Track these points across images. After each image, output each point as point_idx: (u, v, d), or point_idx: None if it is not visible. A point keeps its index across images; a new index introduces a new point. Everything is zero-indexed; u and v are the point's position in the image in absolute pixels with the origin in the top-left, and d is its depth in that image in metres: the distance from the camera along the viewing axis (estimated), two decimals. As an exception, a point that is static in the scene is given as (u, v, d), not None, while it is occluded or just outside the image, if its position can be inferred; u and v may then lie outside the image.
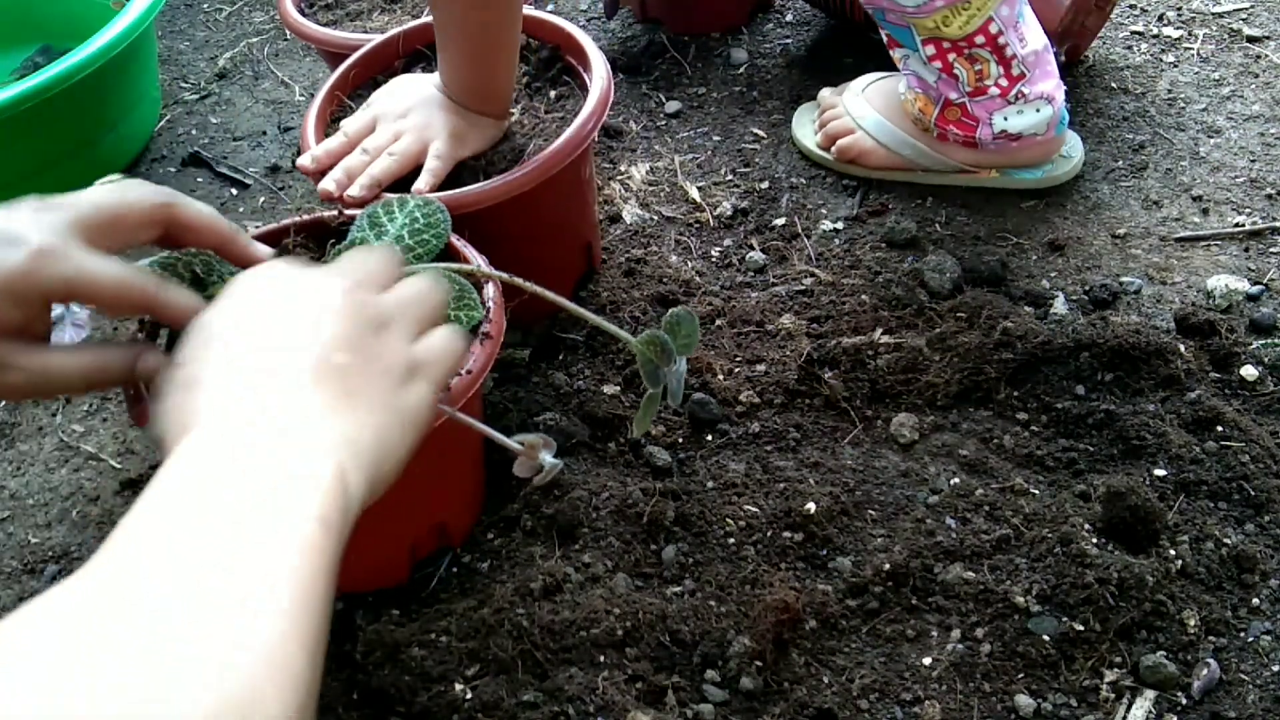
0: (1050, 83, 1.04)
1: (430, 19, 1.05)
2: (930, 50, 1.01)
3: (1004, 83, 1.02)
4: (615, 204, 1.14)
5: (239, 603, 0.34)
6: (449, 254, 0.77)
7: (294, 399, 0.43)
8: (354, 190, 0.86)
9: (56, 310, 0.66)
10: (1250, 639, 0.74)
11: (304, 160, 0.90)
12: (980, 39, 0.99)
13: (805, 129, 1.19)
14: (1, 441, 1.01)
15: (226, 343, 0.46)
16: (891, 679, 0.73)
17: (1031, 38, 1.02)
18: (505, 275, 0.72)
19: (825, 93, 1.20)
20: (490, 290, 0.74)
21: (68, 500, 0.93)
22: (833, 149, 1.14)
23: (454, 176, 0.90)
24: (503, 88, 0.92)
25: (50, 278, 0.54)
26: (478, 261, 0.76)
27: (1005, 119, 1.04)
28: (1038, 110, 1.04)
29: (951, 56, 1.01)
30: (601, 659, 0.73)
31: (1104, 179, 1.12)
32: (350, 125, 0.92)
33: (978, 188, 1.12)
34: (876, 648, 0.75)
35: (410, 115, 0.91)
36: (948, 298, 0.99)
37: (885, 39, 1.07)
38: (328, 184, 0.87)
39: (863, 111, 1.12)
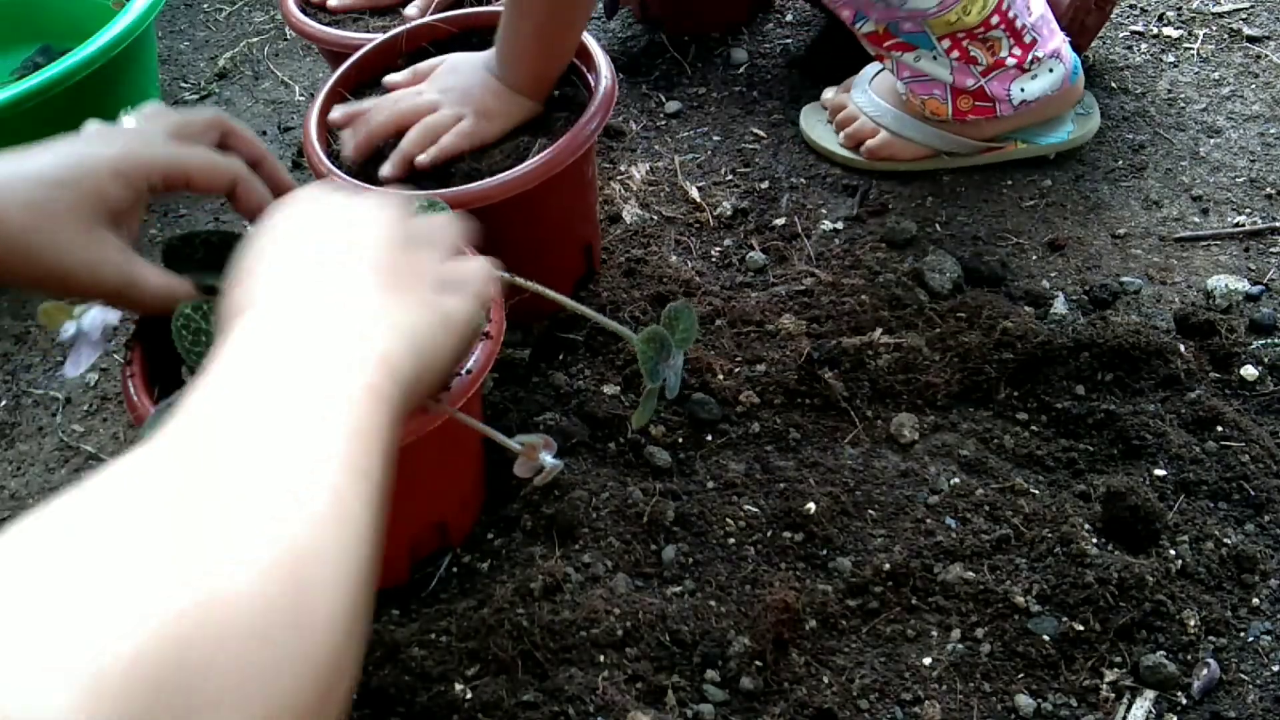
0: (1056, 38, 1.06)
1: (435, 17, 1.05)
2: (947, 44, 1.02)
3: (1018, 52, 1.03)
4: (615, 204, 1.14)
5: (298, 464, 0.34)
6: None
7: (338, 284, 0.46)
8: (386, 169, 0.90)
9: (69, 330, 0.68)
10: (1250, 639, 0.74)
11: (334, 114, 0.93)
12: (995, 19, 1.00)
13: (819, 130, 1.19)
14: (1, 441, 1.01)
15: (274, 248, 0.49)
16: (891, 679, 0.73)
17: (1034, 3, 1.04)
18: (506, 274, 0.72)
19: (829, 93, 1.20)
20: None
21: (68, 500, 0.93)
22: (861, 149, 1.14)
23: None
24: (554, 72, 0.95)
25: (153, 156, 0.63)
26: None
27: (1022, 89, 1.05)
28: (1051, 70, 1.05)
29: (966, 43, 1.02)
30: (601, 659, 0.73)
31: (1104, 179, 1.12)
32: (392, 78, 0.96)
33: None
34: (876, 648, 0.75)
35: (452, 89, 0.94)
36: (948, 298, 0.99)
37: (879, 52, 1.07)
38: (345, 148, 0.90)
39: (878, 109, 1.13)
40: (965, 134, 1.10)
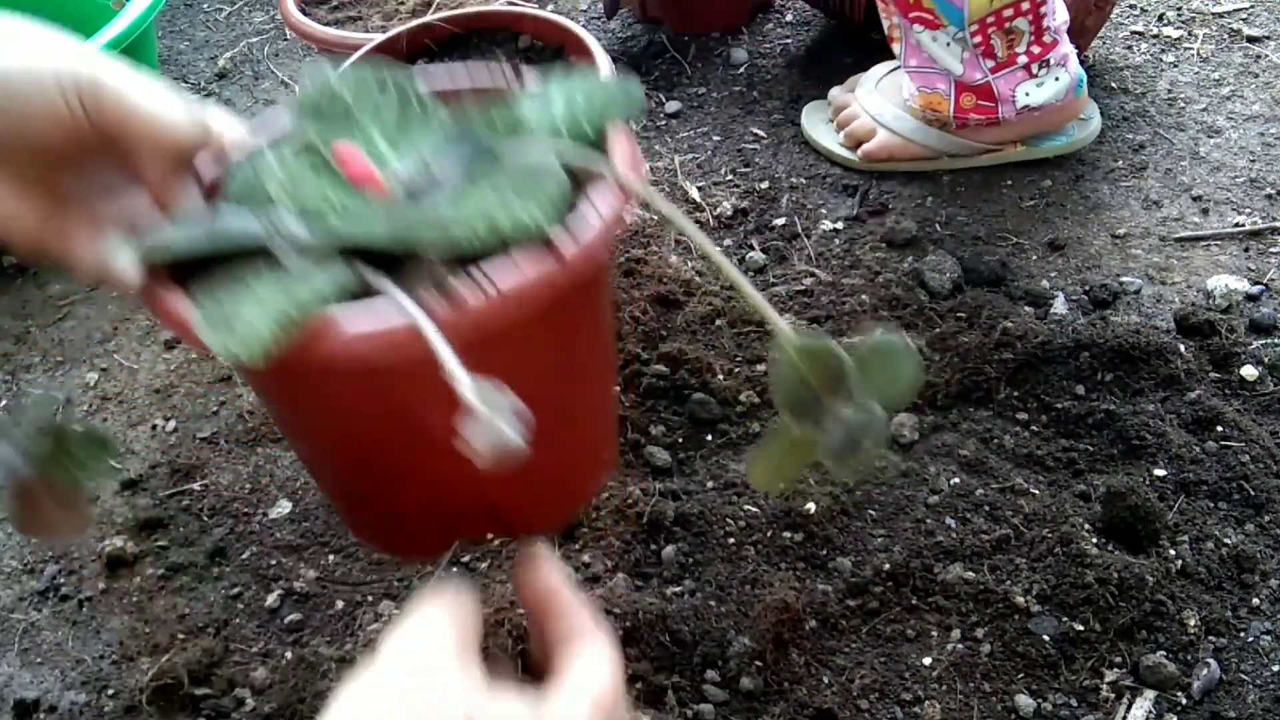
0: (1067, 46, 1.07)
1: (435, 17, 1.05)
2: (974, 28, 1.02)
3: (1036, 50, 1.04)
4: (615, 204, 1.14)
5: None
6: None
7: None
8: None
9: None
10: (1250, 639, 0.74)
11: None
12: (1026, 4, 1.01)
13: (819, 129, 1.19)
14: (1, 441, 1.01)
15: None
16: (891, 679, 0.73)
17: (1060, 8, 1.05)
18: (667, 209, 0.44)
19: (835, 92, 1.20)
20: (601, 200, 0.41)
21: (68, 500, 0.93)
22: (858, 151, 1.14)
23: None
24: None
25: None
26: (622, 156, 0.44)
27: (1027, 94, 1.06)
28: (1057, 79, 1.06)
29: (992, 30, 1.02)
30: (601, 659, 0.73)
31: (1104, 179, 1.12)
32: None
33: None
34: (876, 648, 0.75)
35: None
36: (948, 298, 0.99)
37: (898, 25, 1.07)
38: None
39: (881, 109, 1.12)
40: (966, 137, 1.10)
